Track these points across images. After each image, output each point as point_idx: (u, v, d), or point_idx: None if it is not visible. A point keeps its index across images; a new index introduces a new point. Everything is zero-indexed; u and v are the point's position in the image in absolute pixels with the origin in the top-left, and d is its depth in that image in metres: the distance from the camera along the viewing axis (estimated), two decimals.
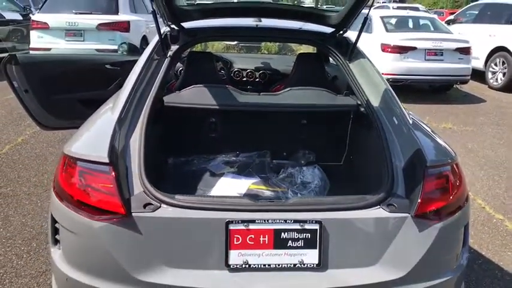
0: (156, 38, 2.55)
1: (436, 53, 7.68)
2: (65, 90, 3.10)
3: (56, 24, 7.94)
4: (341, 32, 2.65)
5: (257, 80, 4.18)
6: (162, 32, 2.59)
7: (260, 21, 2.79)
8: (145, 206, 1.62)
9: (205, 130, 2.70)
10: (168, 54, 2.51)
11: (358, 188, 2.24)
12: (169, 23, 2.55)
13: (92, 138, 1.92)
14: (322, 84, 2.72)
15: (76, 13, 8.03)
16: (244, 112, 2.55)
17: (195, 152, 2.72)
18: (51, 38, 8.00)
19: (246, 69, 4.19)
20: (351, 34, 2.67)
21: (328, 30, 2.66)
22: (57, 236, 1.77)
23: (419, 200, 1.63)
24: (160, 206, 1.62)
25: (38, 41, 8.02)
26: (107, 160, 1.63)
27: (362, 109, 2.38)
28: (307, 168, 2.41)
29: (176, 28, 2.60)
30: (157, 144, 2.52)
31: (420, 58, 7.66)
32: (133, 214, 1.60)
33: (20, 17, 11.08)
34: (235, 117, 2.67)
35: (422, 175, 1.67)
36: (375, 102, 2.27)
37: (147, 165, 1.80)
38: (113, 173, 1.62)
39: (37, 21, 8.03)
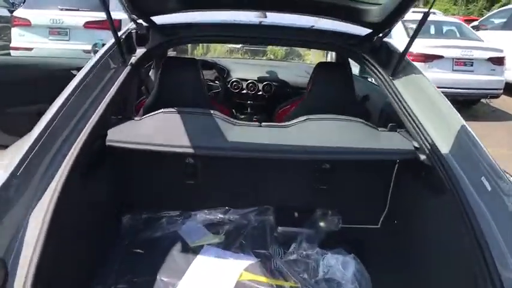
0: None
1: (465, 63, 6.77)
2: (22, 102, 2.60)
3: (38, 21, 7.16)
4: (381, 35, 1.82)
5: (260, 93, 3.35)
6: (125, 29, 1.79)
7: (265, 16, 1.97)
8: None
9: (179, 174, 1.82)
10: (130, 61, 1.70)
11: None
12: (134, 16, 1.73)
13: None
14: (351, 110, 1.87)
15: (62, 9, 7.24)
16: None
17: (164, 205, 1.85)
18: (33, 37, 7.23)
19: (246, 79, 3.37)
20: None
21: (362, 31, 1.84)
22: None
23: None
24: None
25: (19, 39, 7.27)
26: None
27: (423, 157, 1.50)
28: (336, 255, 1.52)
29: (144, 24, 1.79)
30: (102, 197, 1.66)
31: (447, 68, 6.75)
32: None
33: (7, 14, 10.32)
34: (225, 158, 1.81)
35: None
36: (445, 147, 1.41)
37: (55, 255, 0.96)
38: None
39: (18, 18, 7.28)
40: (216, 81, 3.36)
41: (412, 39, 1.69)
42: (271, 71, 3.56)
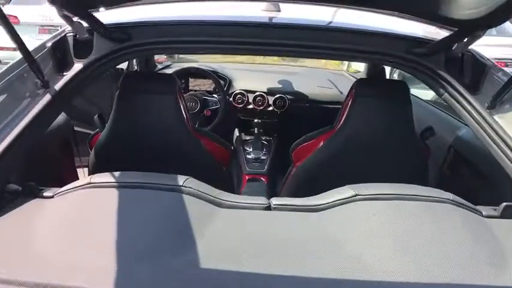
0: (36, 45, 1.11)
1: (506, 64, 5.94)
2: None
3: (27, 18, 6.64)
4: (465, 40, 1.16)
5: (270, 108, 2.65)
6: (57, 33, 1.21)
7: (278, 10, 1.25)
8: None
9: None
10: (57, 86, 1.09)
11: None
12: (66, 13, 1.05)
13: None
14: (411, 154, 1.16)
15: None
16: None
17: None
18: (21, 36, 6.60)
19: (253, 91, 2.67)
20: None
21: (434, 33, 1.24)
22: None
23: None
24: None
25: (6, 38, 6.66)
26: None
27: None
28: None
29: (85, 25, 1.15)
30: None
31: None
32: None
33: None
34: None
35: None
36: None
37: None
38: None
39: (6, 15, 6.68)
40: (214, 95, 2.65)
41: None
42: (284, 81, 2.83)
